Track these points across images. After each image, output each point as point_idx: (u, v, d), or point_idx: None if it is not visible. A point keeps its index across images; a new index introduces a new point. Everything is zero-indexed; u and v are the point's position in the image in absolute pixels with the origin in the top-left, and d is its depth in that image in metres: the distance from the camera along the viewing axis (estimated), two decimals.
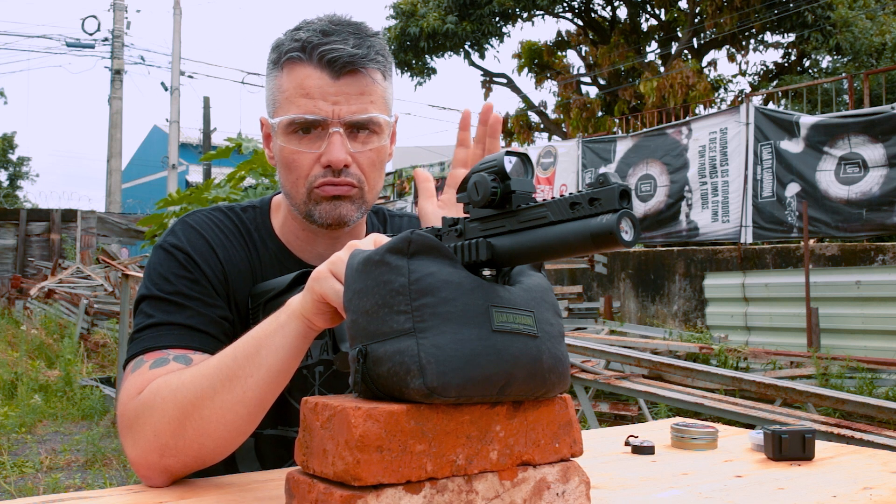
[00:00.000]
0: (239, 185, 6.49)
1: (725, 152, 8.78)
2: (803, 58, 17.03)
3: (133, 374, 1.10)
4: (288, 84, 1.19)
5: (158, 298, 1.16)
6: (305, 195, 1.21)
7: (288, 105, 1.19)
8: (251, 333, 1.03)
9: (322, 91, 1.17)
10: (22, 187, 36.22)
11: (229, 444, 1.04)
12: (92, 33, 20.98)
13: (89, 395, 6.39)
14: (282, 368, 1.01)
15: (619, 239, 0.72)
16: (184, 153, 23.34)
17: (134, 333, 1.15)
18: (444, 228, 0.92)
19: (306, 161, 1.20)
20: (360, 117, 1.19)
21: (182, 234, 1.23)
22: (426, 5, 16.89)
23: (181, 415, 1.01)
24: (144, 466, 1.03)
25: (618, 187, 0.73)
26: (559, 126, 18.34)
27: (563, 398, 0.92)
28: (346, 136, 1.19)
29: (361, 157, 1.21)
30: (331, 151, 1.18)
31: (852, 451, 1.31)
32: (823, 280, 7.38)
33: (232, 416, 1.01)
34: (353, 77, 1.18)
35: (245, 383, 1.00)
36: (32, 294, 11.60)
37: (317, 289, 0.94)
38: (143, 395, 1.05)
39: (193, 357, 1.11)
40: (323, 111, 1.17)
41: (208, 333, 1.16)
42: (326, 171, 1.19)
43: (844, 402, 3.89)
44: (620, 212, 0.72)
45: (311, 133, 1.19)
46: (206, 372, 1.03)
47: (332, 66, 1.17)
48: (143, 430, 1.03)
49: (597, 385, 4.90)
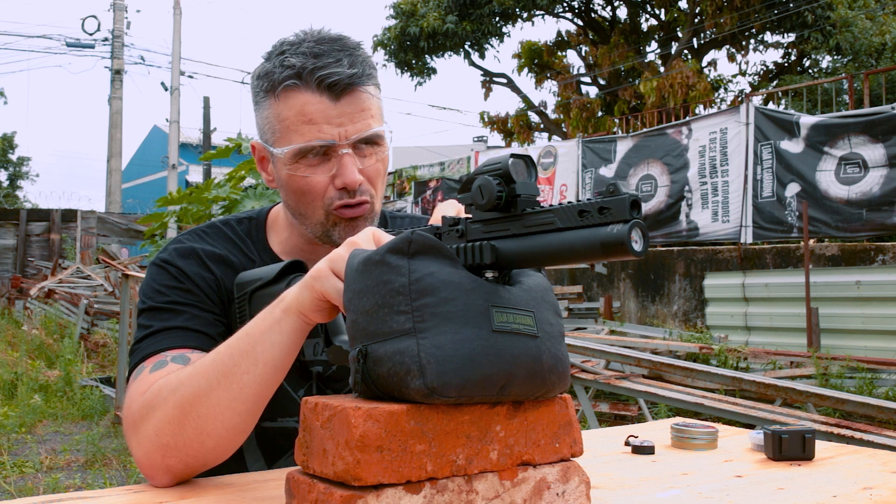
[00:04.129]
0: (239, 184, 6.48)
1: (725, 152, 8.77)
2: (803, 58, 17.03)
3: (135, 381, 1.11)
4: (287, 112, 1.18)
5: (154, 309, 1.18)
6: (324, 217, 1.21)
7: (291, 134, 1.18)
8: (245, 329, 1.03)
9: (325, 115, 1.17)
10: (22, 187, 36.29)
11: (229, 442, 1.04)
12: (92, 33, 20.98)
13: (89, 395, 6.40)
14: (278, 364, 1.01)
15: (629, 249, 0.71)
16: (184, 153, 23.32)
17: (134, 345, 1.17)
18: (444, 228, 0.92)
19: (319, 185, 1.20)
20: (366, 134, 1.19)
21: (173, 250, 1.25)
22: (426, 5, 16.88)
23: (181, 413, 1.02)
24: (148, 466, 1.04)
25: (629, 197, 0.72)
26: (559, 126, 18.34)
27: (563, 398, 0.92)
28: (353, 154, 1.19)
29: (368, 171, 1.22)
30: (345, 174, 1.18)
31: (852, 451, 1.31)
32: (823, 280, 7.38)
33: (230, 413, 1.01)
34: (353, 96, 1.18)
35: (242, 380, 1.01)
36: (32, 294, 11.60)
37: (317, 287, 0.95)
38: (145, 396, 1.06)
39: (191, 356, 1.11)
40: (329, 135, 1.17)
41: (206, 333, 1.17)
42: (342, 193, 1.20)
43: (844, 402, 3.89)
44: (632, 222, 0.72)
45: (319, 156, 1.19)
46: (202, 370, 1.03)
47: (333, 89, 1.16)
48: (145, 429, 1.04)
49: (597, 385, 4.90)
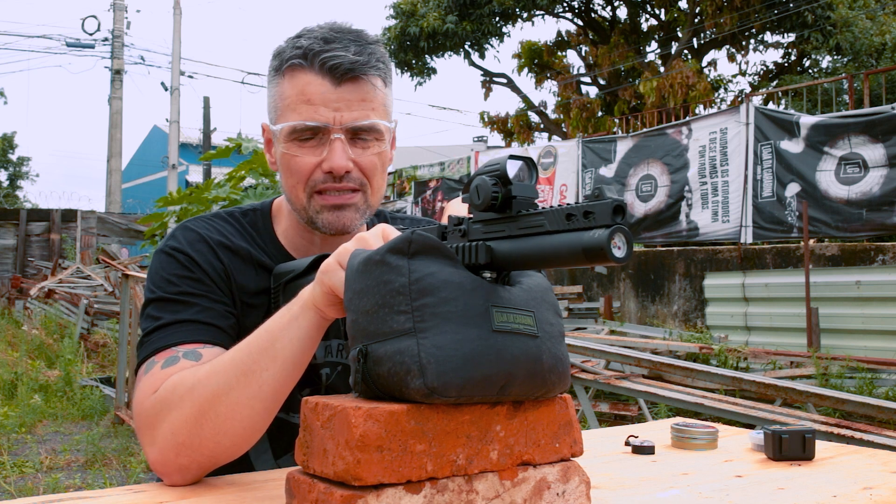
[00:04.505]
0: (239, 185, 6.47)
1: (725, 152, 8.77)
2: (803, 58, 17.02)
3: (146, 376, 1.10)
4: (290, 91, 1.20)
5: (163, 300, 1.17)
6: (306, 200, 1.22)
7: (289, 112, 1.20)
8: (264, 327, 1.03)
9: (323, 98, 1.18)
10: (22, 187, 36.27)
11: (245, 441, 1.04)
12: (92, 33, 20.97)
13: (89, 395, 6.39)
14: (297, 361, 1.01)
15: (609, 255, 0.71)
16: (184, 153, 23.32)
17: (143, 337, 1.16)
18: (449, 227, 0.93)
19: (307, 166, 1.20)
20: (361, 123, 1.20)
21: (182, 237, 1.24)
22: (426, 5, 16.87)
23: (198, 413, 1.01)
24: (162, 464, 1.04)
25: (612, 202, 0.72)
26: (559, 126, 18.33)
27: (563, 398, 0.92)
28: (347, 142, 1.20)
29: (363, 161, 1.22)
30: (332, 158, 1.19)
31: (852, 451, 1.32)
32: (823, 280, 7.38)
33: (248, 411, 1.01)
34: (355, 84, 1.19)
35: (260, 377, 1.01)
36: (32, 294, 11.59)
37: (326, 281, 0.96)
38: (159, 393, 1.05)
39: (203, 351, 1.11)
40: (324, 118, 1.18)
41: (217, 326, 1.16)
42: (327, 177, 1.20)
43: (844, 402, 3.89)
44: (613, 227, 0.71)
45: (312, 139, 1.20)
46: (220, 368, 1.03)
47: (334, 72, 1.18)
48: (160, 428, 1.03)
49: (597, 385, 4.90)
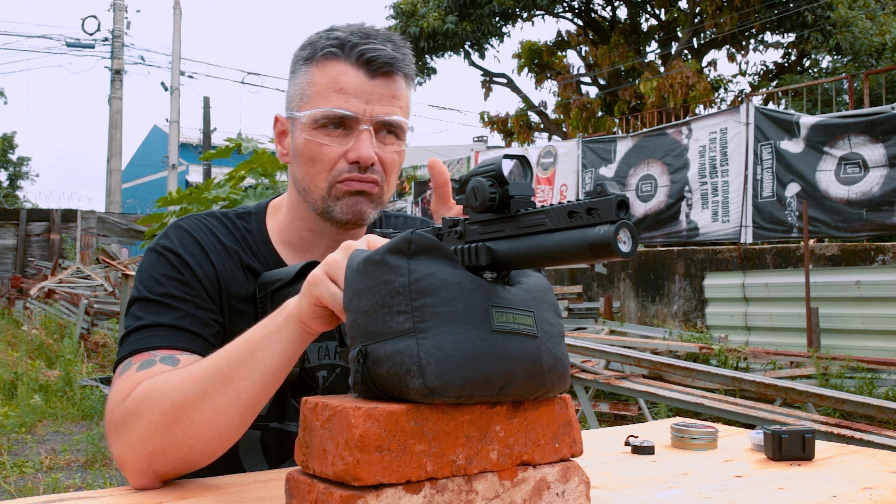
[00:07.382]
0: (239, 185, 6.47)
1: (725, 152, 8.77)
2: (803, 58, 17.03)
3: (120, 378, 1.08)
4: (321, 78, 1.20)
5: (148, 300, 1.15)
6: (326, 190, 1.21)
7: (319, 99, 1.19)
8: (245, 336, 1.01)
9: (357, 89, 1.18)
10: (22, 187, 36.27)
11: (219, 446, 1.03)
12: (92, 33, 20.96)
13: (89, 395, 6.39)
14: (276, 372, 1.00)
15: (616, 250, 0.71)
16: (184, 153, 23.31)
17: (123, 336, 1.14)
18: (444, 229, 0.92)
19: (332, 155, 1.20)
20: (390, 118, 1.20)
21: (175, 236, 1.22)
22: (426, 5, 16.87)
23: (170, 420, 1.00)
24: (131, 470, 1.03)
25: (615, 198, 0.72)
26: (559, 126, 18.33)
27: (563, 398, 0.92)
28: (372, 133, 1.20)
29: (385, 157, 1.22)
30: (359, 148, 1.19)
31: (852, 451, 1.31)
32: (823, 280, 7.38)
33: (224, 418, 1.00)
34: (387, 79, 1.20)
35: (238, 386, 0.99)
36: (32, 294, 11.59)
37: (313, 292, 0.94)
38: (130, 400, 1.04)
39: (181, 358, 1.09)
40: (355, 108, 1.18)
41: (198, 334, 1.14)
42: (352, 168, 1.20)
43: (844, 402, 3.89)
44: (618, 223, 0.71)
45: (339, 129, 1.20)
46: (196, 375, 1.02)
47: (370, 65, 1.18)
48: (129, 437, 1.02)
49: (597, 385, 4.90)
